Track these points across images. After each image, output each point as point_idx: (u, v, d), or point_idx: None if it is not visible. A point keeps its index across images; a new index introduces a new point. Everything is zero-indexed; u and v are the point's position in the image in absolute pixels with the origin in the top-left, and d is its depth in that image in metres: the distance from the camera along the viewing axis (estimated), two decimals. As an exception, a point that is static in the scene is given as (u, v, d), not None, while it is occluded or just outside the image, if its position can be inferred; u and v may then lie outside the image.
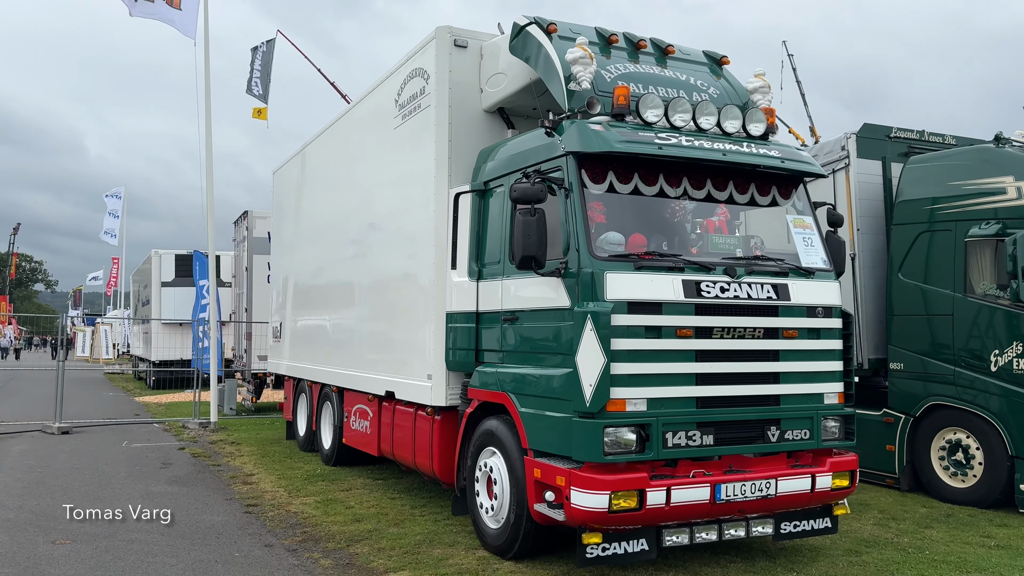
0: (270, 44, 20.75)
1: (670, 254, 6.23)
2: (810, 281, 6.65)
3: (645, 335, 5.92)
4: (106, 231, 38.46)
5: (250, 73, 20.53)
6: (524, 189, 6.12)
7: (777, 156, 6.73)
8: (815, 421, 6.51)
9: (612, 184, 6.29)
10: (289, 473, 10.65)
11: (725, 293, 6.17)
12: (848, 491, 6.69)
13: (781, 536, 6.61)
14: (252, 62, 20.46)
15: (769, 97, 7.37)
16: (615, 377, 5.78)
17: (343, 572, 6.50)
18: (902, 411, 9.70)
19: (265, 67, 20.57)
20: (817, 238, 6.98)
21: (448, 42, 7.96)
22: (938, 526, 8.09)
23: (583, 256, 5.98)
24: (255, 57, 20.46)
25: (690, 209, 6.72)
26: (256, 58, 20.47)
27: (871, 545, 7.36)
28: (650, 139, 6.26)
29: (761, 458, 6.39)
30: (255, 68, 20.52)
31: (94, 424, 16.04)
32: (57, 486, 9.73)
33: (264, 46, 20.68)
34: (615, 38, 7.27)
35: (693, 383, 6.07)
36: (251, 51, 20.73)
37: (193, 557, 6.85)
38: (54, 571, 6.43)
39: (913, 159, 10.14)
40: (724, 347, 6.16)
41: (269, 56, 20.63)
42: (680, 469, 6.06)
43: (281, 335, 13.78)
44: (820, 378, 6.59)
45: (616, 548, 5.95)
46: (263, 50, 20.60)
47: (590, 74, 6.59)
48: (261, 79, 20.50)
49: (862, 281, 10.21)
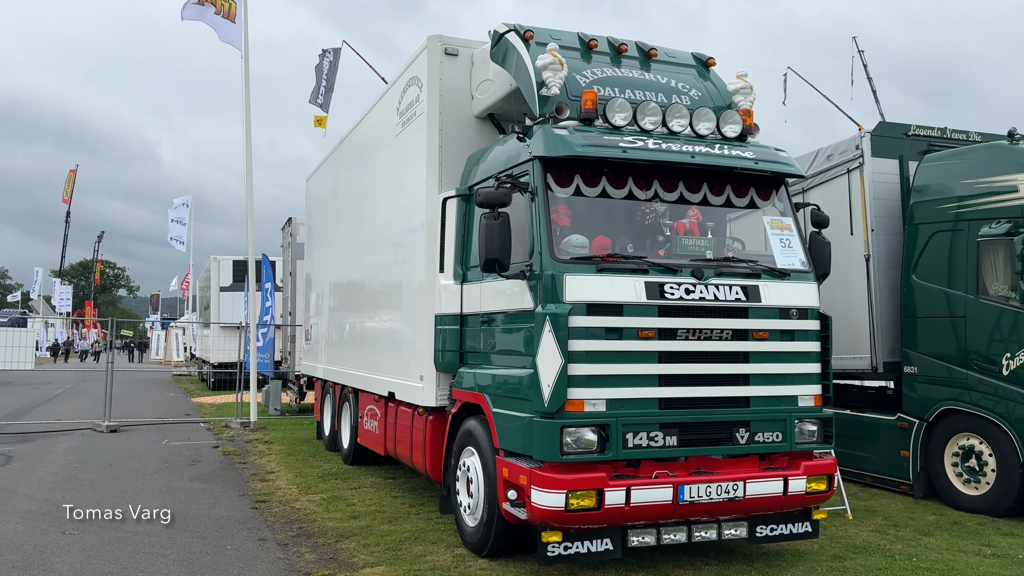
0: (336, 53, 21.07)
1: (634, 256, 6.27)
2: (784, 282, 6.60)
3: (605, 336, 5.98)
4: (172, 237, 39.88)
5: (316, 82, 20.85)
6: (487, 193, 6.25)
7: (751, 157, 6.70)
8: (788, 424, 6.46)
9: (579, 187, 6.36)
10: (307, 471, 10.98)
11: (690, 295, 6.18)
12: (826, 495, 6.61)
13: (757, 540, 6.58)
14: (320, 70, 20.74)
15: (751, 98, 7.32)
16: (573, 378, 5.85)
17: (323, 566, 6.72)
18: (916, 416, 9.47)
19: (330, 76, 20.89)
20: (796, 239, 6.92)
21: (439, 50, 8.14)
22: (940, 534, 7.89)
23: (544, 259, 6.08)
24: (322, 65, 20.75)
25: (661, 212, 6.74)
26: (323, 66, 20.76)
27: (859, 551, 7.23)
28: (614, 143, 6.31)
29: (731, 460, 6.38)
30: (322, 77, 20.83)
31: (142, 423, 16.74)
32: (87, 481, 10.25)
33: (331, 54, 20.97)
34: (594, 43, 7.34)
35: (655, 384, 6.10)
36: (319, 56, 21.03)
37: (187, 549, 7.17)
38: (56, 559, 6.82)
39: (928, 157, 9.90)
40: (689, 348, 6.17)
41: (335, 65, 20.94)
42: (643, 470, 6.10)
43: (310, 338, 14.19)
44: (794, 380, 6.53)
45: (579, 547, 6.02)
46: (329, 59, 20.90)
47: (560, 79, 6.68)
48: (326, 88, 20.81)
49: (877, 282, 10.00)
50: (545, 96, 6.68)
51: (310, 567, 6.69)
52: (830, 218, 10.47)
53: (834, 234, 10.50)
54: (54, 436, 14.49)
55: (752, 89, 7.33)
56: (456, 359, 7.51)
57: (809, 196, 11.06)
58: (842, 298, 10.43)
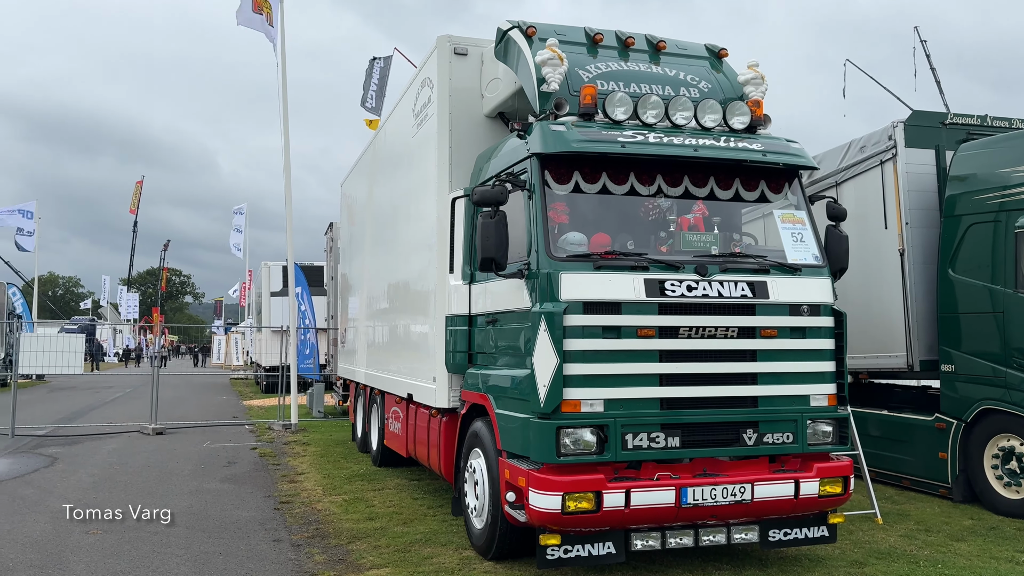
0: (387, 61, 21.26)
1: (634, 253, 6.13)
2: (795, 278, 6.38)
3: (602, 335, 5.85)
4: (234, 245, 40.86)
5: (365, 87, 21.07)
6: (484, 192, 6.19)
7: (758, 149, 6.50)
8: (800, 424, 6.24)
9: (578, 184, 6.25)
10: (335, 473, 11.06)
11: (692, 292, 6.01)
12: (841, 498, 6.36)
13: (770, 544, 6.37)
14: (369, 75, 20.95)
15: (763, 89, 7.11)
16: (569, 378, 5.74)
17: (330, 567, 6.73)
18: (954, 416, 9.08)
19: (381, 82, 21.04)
20: (809, 233, 6.69)
21: (448, 50, 8.11)
22: (973, 539, 7.54)
23: (541, 257, 5.98)
24: (372, 71, 20.96)
25: (666, 207, 6.58)
26: (373, 72, 20.97)
27: (882, 557, 6.95)
28: (613, 137, 6.19)
29: (739, 462, 6.19)
30: (372, 82, 21.02)
31: (187, 426, 17.11)
32: (121, 482, 10.49)
33: (382, 62, 21.17)
34: (600, 37, 7.22)
35: (656, 384, 5.95)
36: (369, 62, 21.24)
37: (202, 549, 7.26)
38: (74, 557, 6.98)
39: (964, 146, 9.50)
40: (692, 347, 6.01)
41: (386, 71, 21.11)
42: (644, 472, 5.96)
43: (345, 341, 14.32)
44: (805, 379, 6.30)
45: (579, 550, 5.90)
46: (380, 65, 21.09)
47: (560, 75, 6.59)
48: (376, 93, 20.98)
49: (913, 278, 9.62)
50: (545, 92, 6.59)
51: (318, 568, 6.71)
52: (864, 212, 10.27)
53: (868, 228, 10.23)
54: (102, 439, 14.91)
55: (764, 79, 7.12)
56: (466, 360, 7.46)
57: (843, 189, 10.75)
58: (876, 294, 10.10)
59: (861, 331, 10.39)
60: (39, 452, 13.12)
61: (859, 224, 10.45)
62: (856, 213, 10.49)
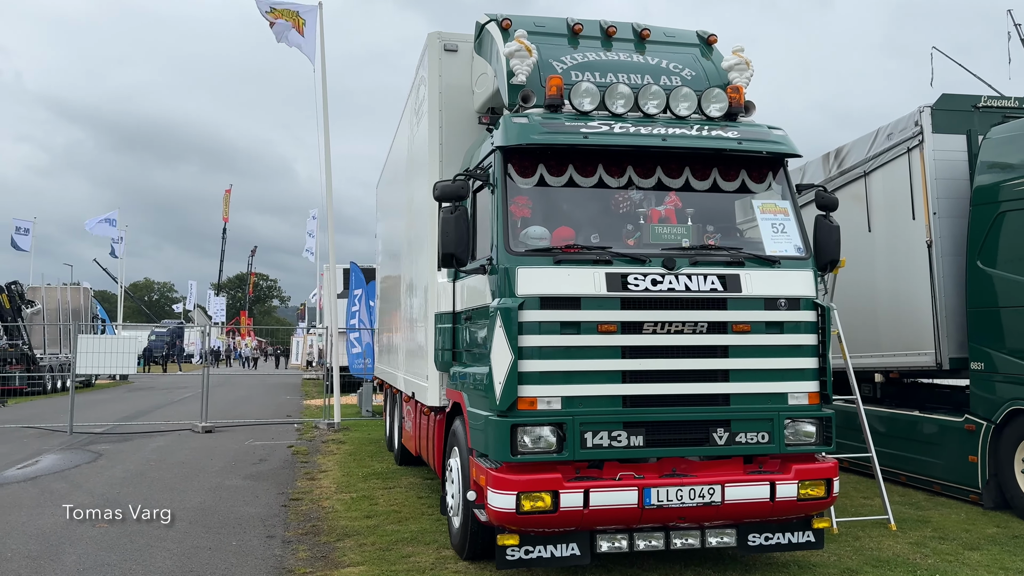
0: None
1: (597, 247, 5.96)
2: (773, 271, 6.09)
3: (561, 331, 5.71)
4: (307, 249, 41.91)
5: None
6: (444, 187, 6.13)
7: (734, 137, 6.24)
8: (776, 423, 5.95)
9: (543, 177, 6.12)
10: (356, 471, 11.17)
11: (657, 286, 5.81)
12: (824, 502, 6.03)
13: (750, 549, 6.10)
14: None
15: (748, 75, 6.84)
16: (524, 374, 5.63)
17: (309, 564, 6.77)
18: (984, 418, 8.55)
19: None
20: (792, 223, 6.36)
21: (438, 47, 8.08)
22: (990, 549, 7.06)
23: (500, 252, 5.88)
24: None
25: (637, 199, 6.37)
26: None
27: (879, 564, 6.57)
28: (576, 129, 6.03)
29: (712, 462, 5.94)
30: None
31: (237, 424, 17.55)
32: (152, 477, 10.83)
33: None
34: (579, 27, 7.07)
35: (619, 381, 5.76)
36: None
37: (194, 544, 7.41)
38: (69, 549, 7.21)
39: (994, 129, 8.94)
40: (657, 343, 5.80)
41: None
42: (607, 471, 5.78)
43: (380, 340, 14.49)
44: (783, 376, 6.01)
45: (541, 551, 5.78)
46: None
47: (527, 67, 6.48)
48: None
49: (942, 270, 9.11)
50: (514, 85, 6.49)
51: (296, 564, 6.76)
52: (892, 203, 9.79)
53: (896, 219, 9.76)
54: (152, 436, 15.44)
55: (749, 65, 6.84)
56: (451, 357, 7.40)
57: (871, 179, 10.30)
58: (905, 289, 9.63)
59: (890, 327, 9.94)
60: (88, 448, 13.68)
61: (887, 215, 10.01)
62: (885, 204, 10.05)
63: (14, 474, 11.16)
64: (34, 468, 11.68)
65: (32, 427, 16.50)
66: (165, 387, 32.15)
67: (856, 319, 10.57)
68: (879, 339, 10.10)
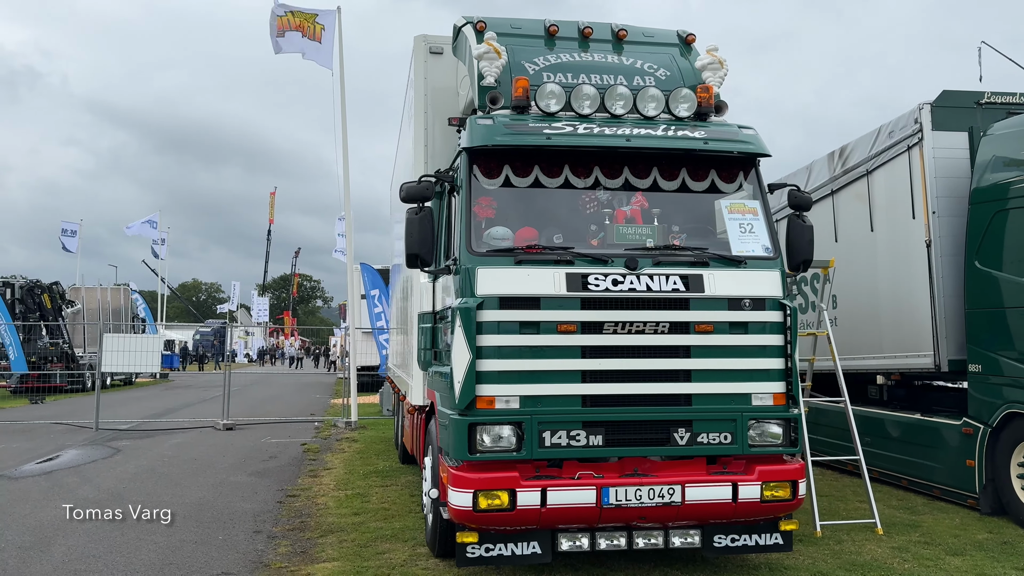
0: None
1: (559, 247, 5.98)
2: (738, 271, 6.05)
3: (520, 331, 5.74)
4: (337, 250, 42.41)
5: None
6: (409, 188, 6.21)
7: (700, 137, 6.22)
8: (739, 424, 5.91)
9: (508, 178, 6.16)
10: (359, 469, 11.32)
11: (618, 286, 5.81)
12: (790, 504, 5.97)
13: (716, 550, 6.07)
14: None
15: (721, 74, 6.80)
16: (482, 374, 5.67)
17: (286, 559, 6.90)
18: (981, 421, 8.36)
19: None
20: (761, 223, 6.31)
21: (424, 50, 8.18)
22: (974, 555, 6.91)
23: (462, 252, 5.94)
24: None
25: (603, 200, 6.38)
26: None
27: (853, 569, 6.48)
28: (539, 130, 6.07)
29: (673, 462, 5.92)
30: None
31: (258, 422, 17.88)
32: (161, 473, 11.10)
33: None
34: (555, 29, 7.10)
35: (578, 380, 5.78)
36: None
37: (181, 538, 7.59)
38: (61, 541, 7.44)
39: (994, 126, 8.74)
40: (618, 343, 5.80)
41: None
42: (566, 470, 5.80)
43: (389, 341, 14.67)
44: (747, 377, 5.96)
45: (502, 549, 5.82)
46: None
47: (496, 69, 6.53)
48: None
49: (941, 271, 8.92)
50: (483, 87, 6.55)
51: (274, 559, 6.90)
52: (893, 202, 9.63)
53: (897, 219, 9.59)
54: (172, 433, 15.81)
55: (723, 64, 6.80)
56: (432, 357, 7.48)
57: (873, 178, 10.14)
58: (906, 289, 9.46)
59: (891, 328, 9.78)
60: (109, 444, 14.06)
61: (889, 215, 9.85)
62: (886, 203, 9.90)
63: (31, 468, 11.53)
64: (52, 463, 12.05)
65: (62, 423, 17.01)
66: (202, 385, 32.81)
67: (859, 320, 10.43)
68: (881, 340, 9.94)
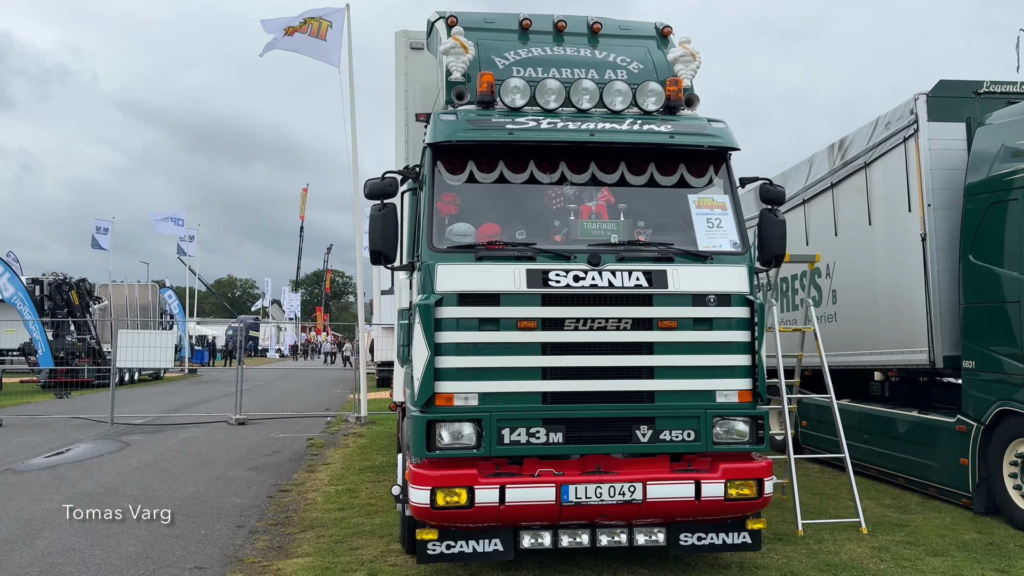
0: None
1: (521, 243, 5.94)
2: (704, 266, 5.96)
3: (479, 327, 5.72)
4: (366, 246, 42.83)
5: None
6: (373, 184, 6.21)
7: (666, 131, 6.14)
8: (703, 421, 5.82)
9: (472, 174, 6.13)
10: (356, 464, 11.38)
11: (579, 282, 5.75)
12: (756, 503, 5.87)
13: (682, 549, 5.99)
14: None
15: (693, 67, 6.69)
16: (441, 371, 5.66)
17: (262, 554, 6.96)
18: (974, 419, 8.16)
19: None
20: (729, 218, 6.21)
21: (404, 45, 8.20)
22: (955, 555, 6.75)
23: (423, 248, 5.93)
24: None
25: (569, 195, 6.31)
26: None
27: (826, 569, 6.37)
28: (502, 125, 6.03)
29: (636, 459, 5.86)
30: None
31: (271, 417, 18.07)
32: (162, 467, 11.26)
33: None
34: (527, 23, 7.05)
35: (538, 377, 5.73)
36: None
37: (164, 532, 7.68)
38: (46, 534, 7.57)
39: (990, 115, 8.51)
40: (579, 339, 5.74)
41: None
42: (527, 467, 5.77)
43: (396, 336, 14.74)
44: (711, 374, 5.87)
45: (463, 546, 5.80)
46: None
47: (463, 64, 6.50)
48: None
49: (936, 265, 8.73)
50: (451, 82, 6.53)
51: (248, 554, 6.96)
52: (890, 195, 9.44)
53: (894, 212, 9.41)
54: (185, 428, 16.02)
55: (695, 57, 6.69)
56: (407, 354, 7.48)
57: (871, 171, 9.95)
58: (901, 283, 9.28)
59: (888, 324, 9.61)
60: (120, 439, 14.29)
61: (886, 208, 9.68)
62: (884, 196, 9.73)
63: (39, 462, 11.76)
64: (60, 457, 12.27)
65: (80, 418, 17.32)
66: (229, 380, 33.02)
67: (858, 315, 10.26)
68: (879, 336, 9.75)
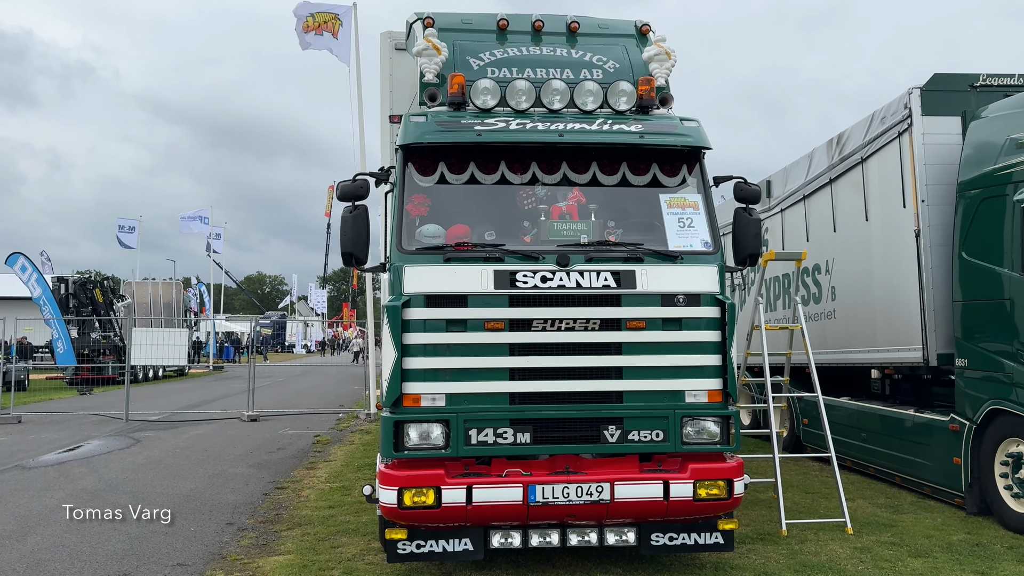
0: None
1: (489, 244, 5.96)
2: (673, 266, 5.94)
3: (447, 328, 5.75)
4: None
5: None
6: (344, 186, 6.25)
7: (636, 131, 6.12)
8: (672, 421, 5.81)
9: (444, 175, 6.16)
10: (356, 462, 11.48)
11: (547, 283, 5.76)
12: (726, 504, 5.84)
13: (653, 549, 5.99)
14: None
15: (668, 66, 6.66)
16: (408, 371, 5.70)
17: (244, 551, 7.05)
18: (966, 418, 8.05)
19: None
20: (701, 218, 6.18)
21: (389, 46, 8.24)
22: (937, 557, 6.66)
23: (392, 250, 5.97)
24: None
25: (540, 195, 6.31)
26: None
27: (802, 569, 6.32)
28: (470, 126, 6.05)
29: (605, 460, 5.86)
30: None
31: (282, 413, 18.27)
32: (167, 464, 11.44)
33: None
34: (504, 23, 7.06)
35: (505, 378, 5.76)
36: None
37: (154, 528, 7.82)
38: (39, 530, 7.74)
39: (985, 109, 8.37)
40: (547, 340, 5.76)
41: None
42: (495, 468, 5.80)
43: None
44: (680, 374, 5.86)
45: (432, 546, 5.85)
46: None
47: (436, 65, 6.53)
48: None
49: (930, 262, 8.61)
50: (424, 83, 6.56)
51: (232, 551, 7.06)
52: (885, 191, 9.32)
53: (889, 208, 9.29)
54: (197, 424, 16.26)
55: (670, 55, 6.66)
56: (393, 353, 7.53)
57: (868, 166, 9.83)
58: (896, 280, 9.17)
59: (884, 321, 9.50)
60: (131, 435, 14.54)
61: (881, 204, 9.56)
62: (879, 192, 9.62)
63: (48, 458, 12.01)
64: (70, 453, 12.51)
65: (96, 414, 17.65)
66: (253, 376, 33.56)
67: (854, 312, 10.15)
68: (875, 333, 9.64)
